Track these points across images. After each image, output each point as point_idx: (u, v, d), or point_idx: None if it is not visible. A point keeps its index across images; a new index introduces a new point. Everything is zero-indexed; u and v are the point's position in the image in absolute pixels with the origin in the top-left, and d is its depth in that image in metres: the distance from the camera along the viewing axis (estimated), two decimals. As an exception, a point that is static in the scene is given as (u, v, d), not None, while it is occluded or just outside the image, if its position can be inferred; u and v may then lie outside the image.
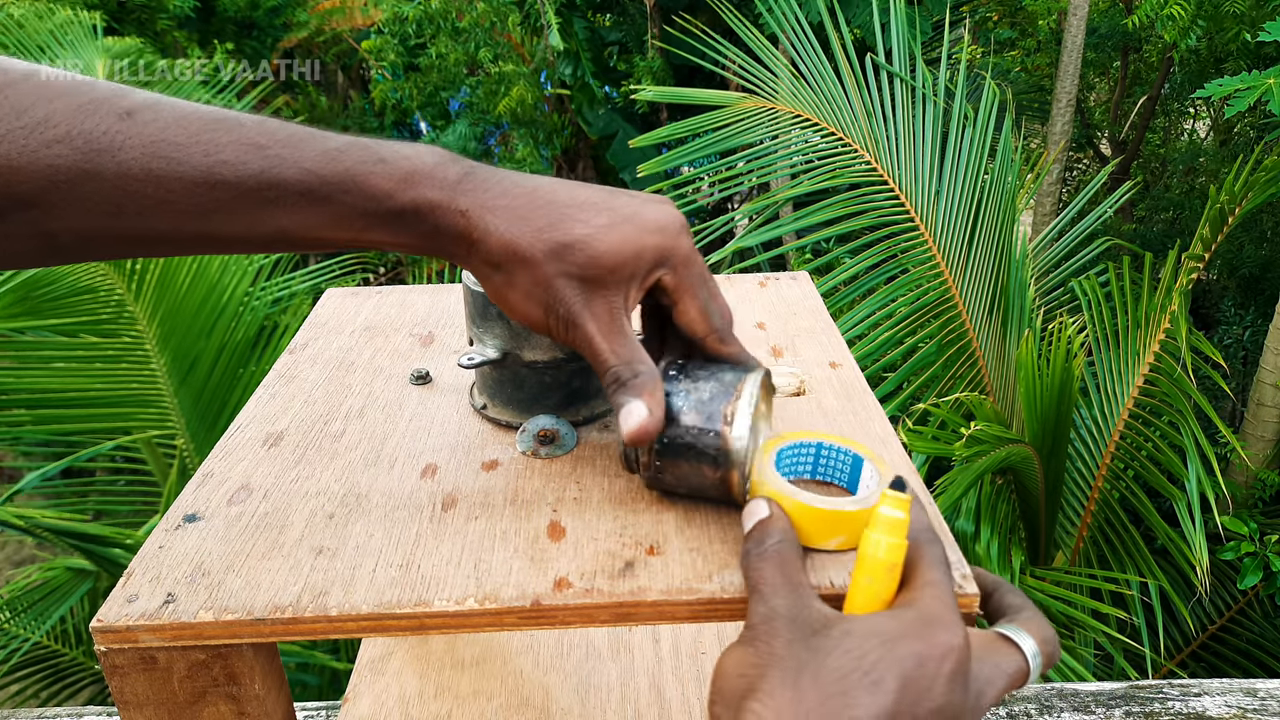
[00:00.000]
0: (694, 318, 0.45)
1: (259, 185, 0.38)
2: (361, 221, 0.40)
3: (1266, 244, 3.49)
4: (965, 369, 2.10)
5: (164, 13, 4.78)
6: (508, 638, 0.80)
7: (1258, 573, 2.04)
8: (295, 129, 0.40)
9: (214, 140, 0.38)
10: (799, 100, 2.22)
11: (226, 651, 0.40)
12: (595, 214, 0.42)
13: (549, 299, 0.42)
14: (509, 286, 0.43)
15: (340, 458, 0.50)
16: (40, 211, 0.36)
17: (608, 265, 0.42)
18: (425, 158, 0.41)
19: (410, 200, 0.40)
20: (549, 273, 0.42)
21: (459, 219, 0.41)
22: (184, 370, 2.22)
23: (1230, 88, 2.01)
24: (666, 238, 0.43)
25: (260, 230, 0.40)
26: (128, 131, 0.37)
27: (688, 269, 0.44)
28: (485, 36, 4.87)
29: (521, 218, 0.41)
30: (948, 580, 0.37)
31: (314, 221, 0.40)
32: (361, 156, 0.40)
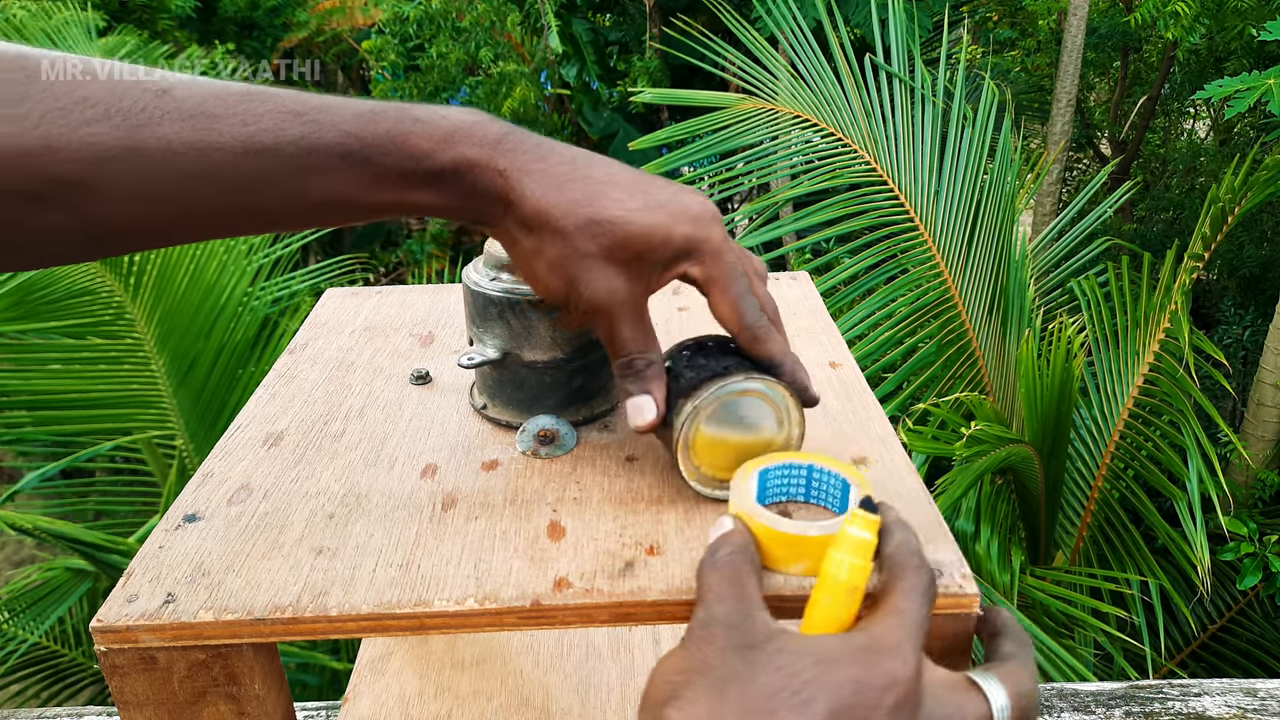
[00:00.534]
0: (725, 313, 0.44)
1: (299, 151, 0.38)
2: (401, 182, 0.40)
3: (1266, 244, 3.49)
4: (965, 369, 2.10)
5: (165, 12, 4.78)
6: (508, 638, 0.80)
7: (1257, 573, 2.04)
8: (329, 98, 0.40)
9: (251, 110, 0.38)
10: (798, 101, 2.22)
11: (226, 651, 0.40)
12: (630, 195, 0.42)
13: (575, 274, 0.42)
14: (537, 255, 0.42)
15: (340, 458, 0.50)
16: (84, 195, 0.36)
17: (636, 249, 0.42)
18: (463, 117, 0.41)
19: (450, 159, 0.40)
20: (579, 247, 0.41)
21: (497, 178, 0.41)
22: (183, 370, 2.22)
23: (1230, 88, 2.01)
24: (698, 228, 0.43)
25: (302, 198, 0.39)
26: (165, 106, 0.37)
27: (717, 261, 0.43)
28: (485, 36, 4.87)
29: (558, 186, 0.41)
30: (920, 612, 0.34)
31: (354, 185, 0.40)
32: (399, 117, 0.40)
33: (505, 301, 0.50)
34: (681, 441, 0.44)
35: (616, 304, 0.43)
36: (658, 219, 0.42)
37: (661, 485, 0.48)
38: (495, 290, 0.50)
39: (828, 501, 0.44)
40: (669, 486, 0.48)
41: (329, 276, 2.81)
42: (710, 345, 0.46)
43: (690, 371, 0.45)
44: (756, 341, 0.44)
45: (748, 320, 0.44)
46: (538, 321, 0.50)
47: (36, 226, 0.36)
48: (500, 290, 0.50)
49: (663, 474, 0.49)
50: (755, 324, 0.44)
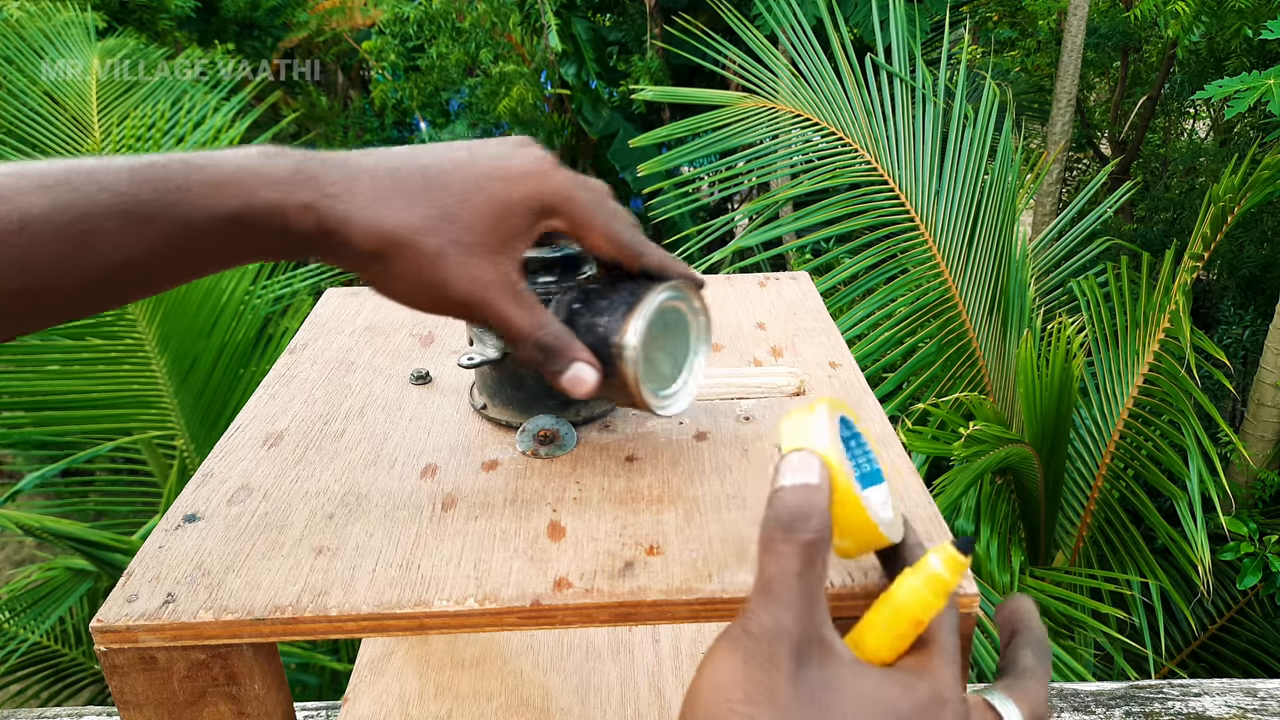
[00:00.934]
0: (602, 246, 0.43)
1: (69, 220, 0.35)
2: (197, 236, 0.37)
3: (1266, 244, 3.49)
4: (965, 369, 2.10)
5: (165, 13, 4.78)
6: (508, 638, 0.80)
7: (1257, 573, 2.04)
8: (102, 160, 0.37)
9: (11, 184, 0.35)
10: (799, 100, 2.22)
11: (226, 651, 0.40)
12: (457, 178, 0.40)
13: (437, 280, 0.40)
14: (390, 277, 0.40)
15: (340, 458, 0.50)
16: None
17: (484, 228, 0.40)
18: (246, 158, 0.38)
19: (240, 204, 0.37)
20: (428, 251, 0.39)
21: (306, 214, 0.38)
22: (184, 371, 2.22)
23: (1230, 89, 2.01)
24: (538, 184, 0.41)
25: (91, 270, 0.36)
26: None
27: (573, 205, 0.41)
28: (486, 37, 4.87)
29: (378, 199, 0.38)
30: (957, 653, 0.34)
31: (144, 247, 0.36)
32: (174, 169, 0.37)
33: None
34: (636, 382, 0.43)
35: (490, 292, 0.40)
36: (495, 190, 0.40)
37: (661, 485, 0.48)
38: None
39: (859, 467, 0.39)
40: (669, 486, 0.48)
41: (329, 276, 2.82)
42: (591, 286, 0.45)
43: (601, 317, 0.44)
44: (640, 258, 0.44)
45: (625, 241, 0.43)
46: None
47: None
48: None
49: (663, 474, 0.49)
50: (630, 241, 0.43)
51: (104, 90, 2.77)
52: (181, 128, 2.71)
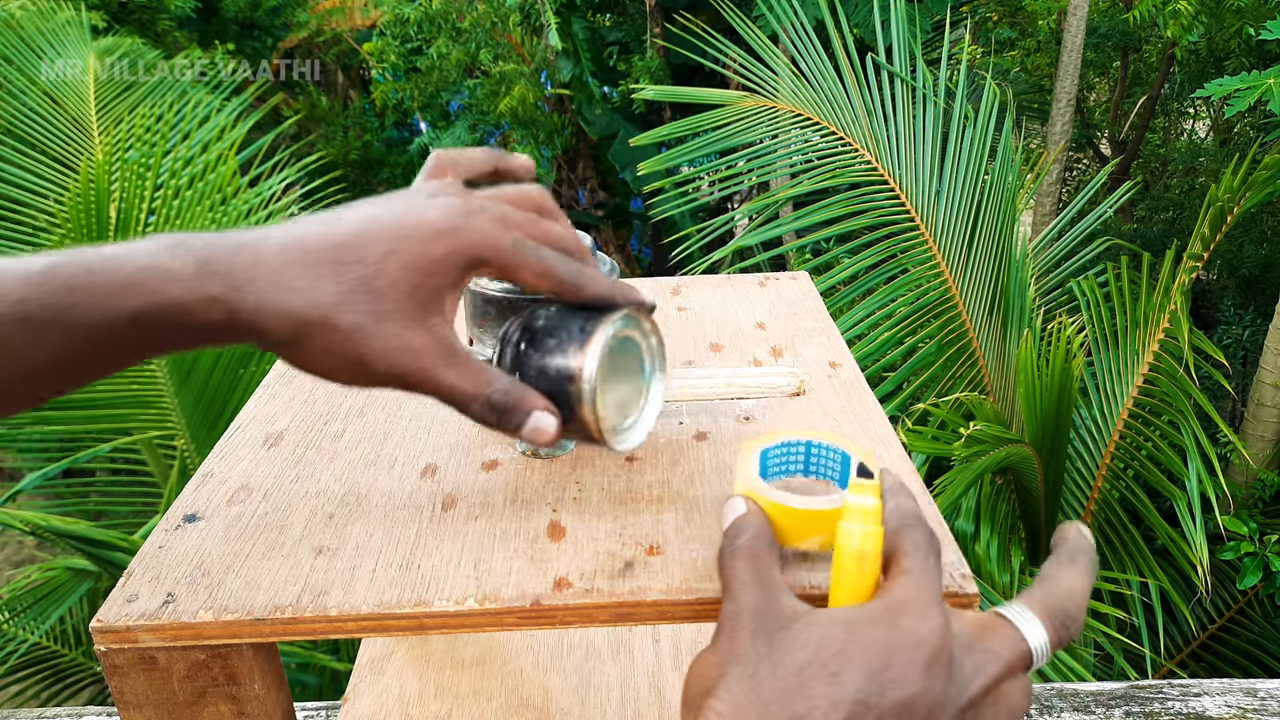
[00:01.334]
0: (537, 285, 0.40)
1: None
2: (102, 338, 0.35)
3: (1266, 244, 3.49)
4: (965, 369, 2.10)
5: (165, 13, 4.78)
6: (508, 638, 0.80)
7: (1257, 573, 2.04)
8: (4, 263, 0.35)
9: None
10: (799, 99, 2.22)
11: (226, 651, 0.40)
12: (368, 246, 0.37)
13: (362, 356, 0.37)
14: (312, 358, 0.37)
15: (340, 458, 0.51)
16: None
17: (403, 295, 0.37)
18: (151, 253, 0.36)
19: (145, 303, 0.35)
20: (343, 327, 0.36)
21: (213, 308, 0.36)
22: (184, 371, 2.22)
23: (1230, 88, 2.01)
24: (455, 240, 0.38)
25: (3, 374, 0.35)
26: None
27: (497, 253, 0.38)
28: (485, 37, 4.87)
29: (286, 281, 0.36)
30: (928, 566, 0.35)
31: (48, 353, 0.35)
32: (78, 268, 0.35)
33: (505, 301, 0.50)
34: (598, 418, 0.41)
35: (421, 359, 0.38)
36: (409, 254, 0.37)
37: (661, 485, 0.48)
38: (495, 290, 0.50)
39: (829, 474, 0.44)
40: (669, 486, 0.48)
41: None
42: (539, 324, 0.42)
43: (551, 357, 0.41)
44: (579, 291, 0.41)
45: (560, 276, 0.40)
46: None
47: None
48: (500, 290, 0.50)
49: (663, 474, 0.49)
50: (568, 277, 0.40)
51: (103, 90, 2.77)
52: (187, 123, 2.71)
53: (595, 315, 0.41)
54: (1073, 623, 0.35)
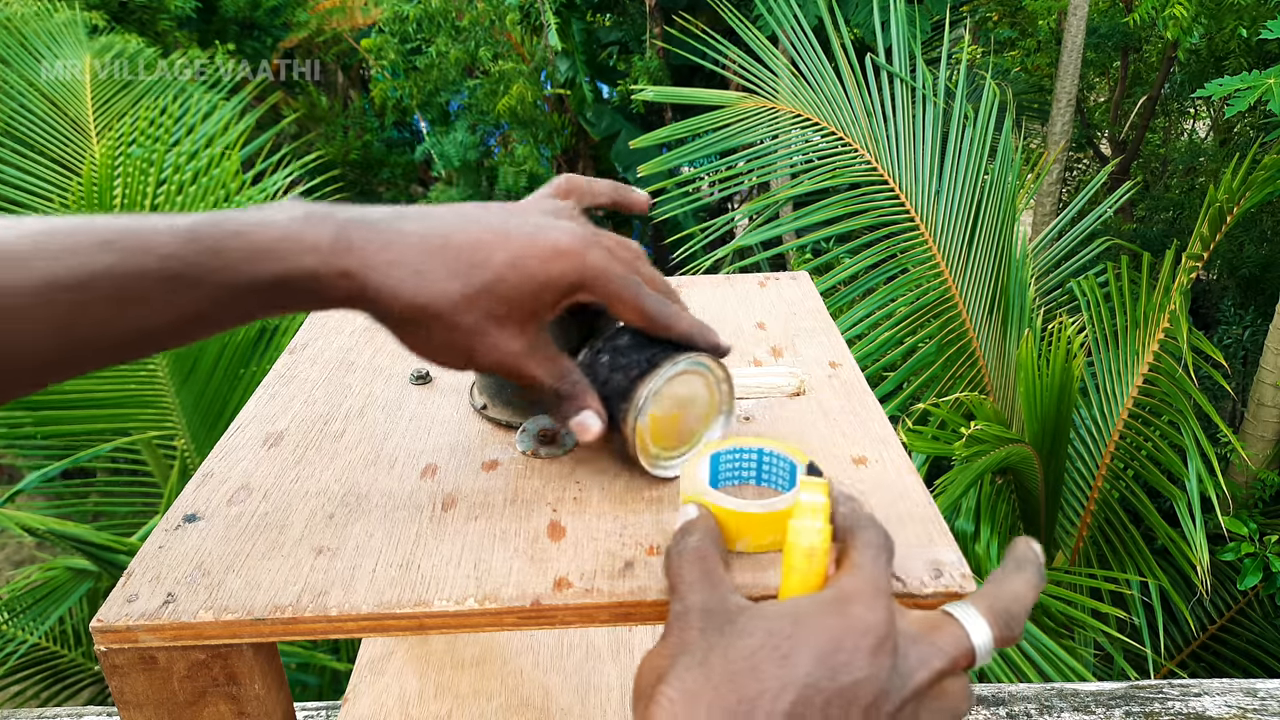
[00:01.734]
0: (631, 318, 0.44)
1: (114, 283, 0.36)
2: (238, 299, 0.38)
3: (1266, 244, 3.49)
4: (965, 369, 2.10)
5: (165, 13, 4.78)
6: (508, 638, 0.80)
7: (1258, 573, 2.04)
8: (146, 220, 0.38)
9: (60, 245, 0.36)
10: (799, 100, 2.22)
11: (226, 651, 0.40)
12: (493, 252, 0.41)
13: (470, 349, 0.41)
14: (423, 342, 0.42)
15: (340, 458, 0.50)
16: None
17: (517, 304, 0.41)
18: (289, 221, 0.39)
19: (283, 270, 0.38)
20: (463, 325, 0.41)
21: (343, 282, 0.39)
22: (185, 371, 2.22)
23: (1230, 87, 2.01)
24: (572, 262, 0.42)
25: (131, 331, 0.37)
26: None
27: (605, 282, 0.42)
28: (485, 35, 4.87)
29: (417, 271, 0.40)
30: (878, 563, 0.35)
31: (188, 309, 0.38)
32: (218, 234, 0.38)
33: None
34: (635, 439, 0.46)
35: (519, 359, 0.42)
36: (529, 269, 0.41)
37: (661, 485, 0.48)
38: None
39: (777, 483, 0.46)
40: (669, 486, 0.48)
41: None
42: (623, 341, 0.47)
43: (618, 374, 0.46)
44: (667, 329, 0.45)
45: (652, 314, 0.44)
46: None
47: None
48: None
49: (663, 474, 0.49)
50: (659, 315, 0.44)
51: (100, 89, 2.77)
52: (191, 116, 2.71)
53: (669, 351, 0.45)
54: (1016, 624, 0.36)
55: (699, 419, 0.48)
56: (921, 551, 0.42)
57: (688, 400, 0.47)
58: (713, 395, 0.48)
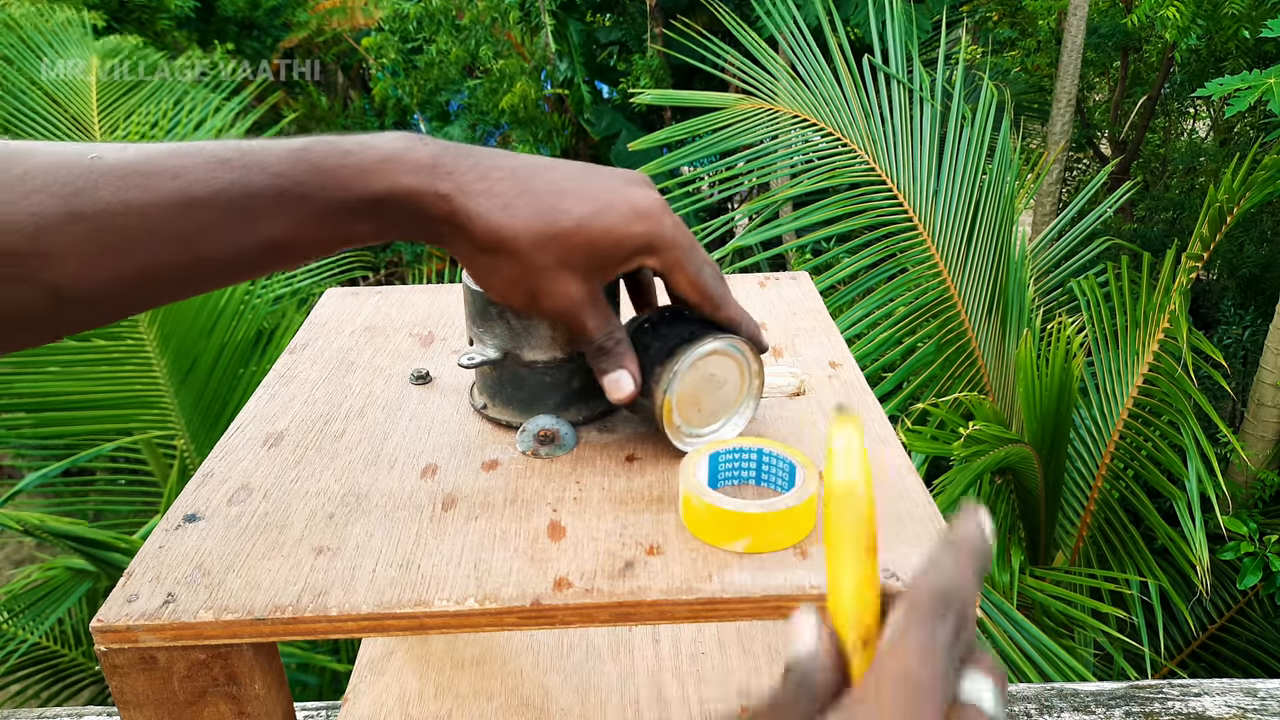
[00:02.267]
0: (687, 291, 0.46)
1: (233, 198, 0.39)
2: (340, 216, 0.41)
3: (1266, 244, 3.49)
4: (964, 368, 2.10)
5: (164, 12, 4.78)
6: (508, 638, 0.80)
7: (1257, 573, 2.04)
8: (260, 141, 0.40)
9: (181, 165, 0.39)
10: (797, 101, 2.22)
11: (226, 651, 0.40)
12: (578, 202, 0.43)
13: (534, 288, 0.44)
14: (493, 272, 0.44)
15: (340, 458, 0.50)
16: (36, 262, 0.37)
17: (591, 254, 0.43)
18: (393, 143, 0.41)
19: (384, 188, 0.40)
20: (537, 263, 0.43)
21: (440, 203, 0.41)
22: (184, 371, 2.22)
23: (1230, 87, 2.01)
24: (649, 224, 0.44)
25: (245, 242, 0.40)
26: (100, 170, 0.38)
27: (673, 250, 0.45)
28: (485, 34, 4.87)
29: (505, 205, 0.42)
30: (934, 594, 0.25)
31: (293, 225, 0.40)
32: (327, 152, 0.40)
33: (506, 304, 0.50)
34: (664, 405, 0.47)
35: (578, 305, 0.45)
36: (609, 222, 0.43)
37: (662, 485, 0.48)
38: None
39: (776, 484, 0.46)
40: (669, 486, 0.48)
41: (329, 276, 2.82)
42: (668, 315, 0.50)
43: (658, 342, 0.48)
44: (718, 308, 0.47)
45: (709, 292, 0.46)
46: (538, 321, 0.50)
47: (3, 302, 0.37)
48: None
49: (663, 474, 0.49)
50: (714, 291, 0.47)
51: (104, 91, 2.77)
52: (183, 128, 2.71)
53: (712, 331, 0.47)
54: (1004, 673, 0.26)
55: (726, 403, 0.50)
56: (921, 551, 0.42)
57: (719, 381, 0.49)
58: (744, 383, 0.50)
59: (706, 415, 0.50)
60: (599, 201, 0.43)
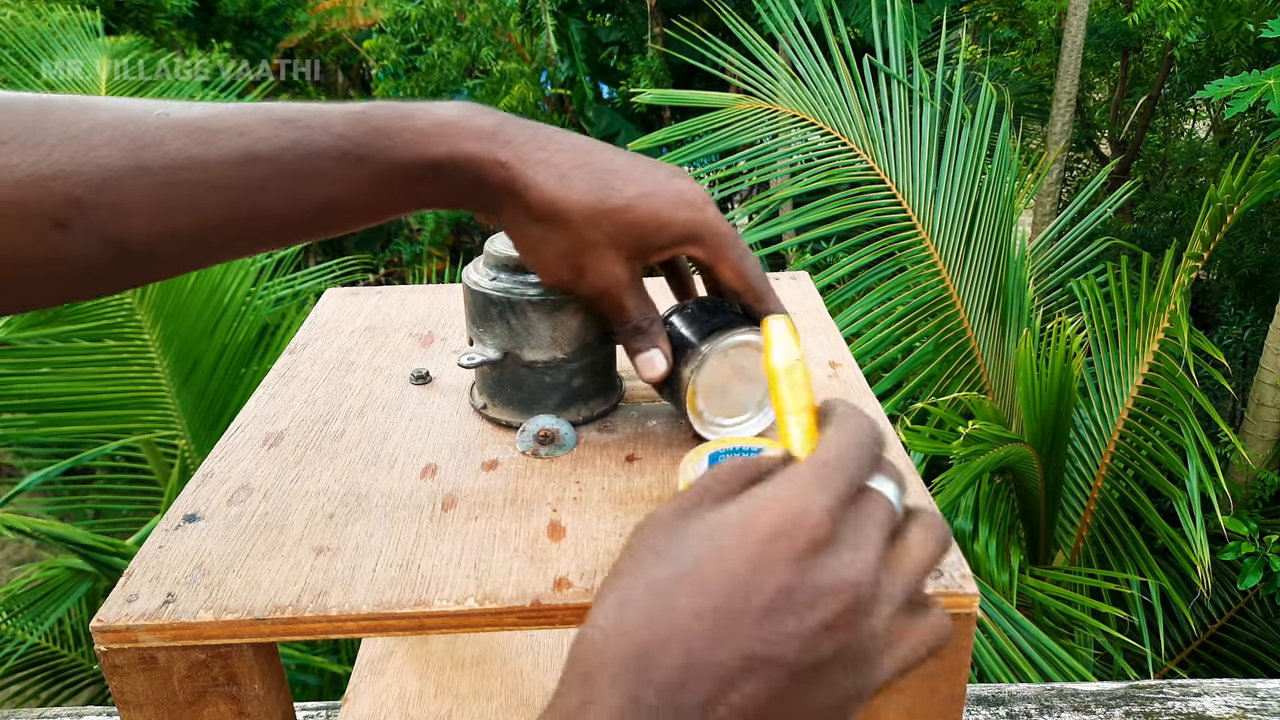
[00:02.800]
0: (731, 279, 0.47)
1: (295, 157, 0.40)
2: (399, 179, 0.41)
3: (1266, 244, 3.48)
4: (963, 367, 2.10)
5: (162, 12, 4.77)
6: (508, 638, 0.80)
7: (1258, 573, 2.04)
8: (323, 104, 0.42)
9: (245, 122, 0.40)
10: (797, 101, 2.22)
11: (226, 651, 0.40)
12: (629, 183, 0.44)
13: (582, 263, 0.45)
14: (544, 243, 0.45)
15: (340, 458, 0.50)
16: (103, 215, 0.38)
17: (639, 235, 0.44)
18: (455, 110, 0.42)
19: (445, 153, 0.41)
20: (586, 237, 0.44)
21: (500, 170, 0.42)
22: (186, 371, 2.22)
23: (1230, 88, 2.01)
24: (694, 213, 0.45)
25: (304, 201, 0.41)
26: (166, 125, 0.39)
27: (717, 239, 0.46)
28: (487, 36, 4.87)
29: (562, 176, 0.43)
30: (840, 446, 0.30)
31: (353, 186, 0.41)
32: (389, 115, 0.41)
33: (505, 301, 0.50)
34: (690, 389, 0.48)
35: (621, 285, 0.46)
36: (658, 206, 0.44)
37: (661, 485, 0.48)
38: (495, 290, 0.50)
39: None
40: (669, 486, 0.48)
41: (330, 277, 2.82)
42: (707, 305, 0.50)
43: (690, 329, 0.49)
44: (761, 299, 0.48)
45: (753, 281, 0.47)
46: (538, 321, 0.50)
47: (67, 252, 0.38)
48: (500, 290, 0.50)
49: (663, 474, 0.49)
50: (757, 280, 0.48)
51: (112, 91, 2.77)
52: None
53: (745, 324, 0.48)
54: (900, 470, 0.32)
55: (754, 398, 0.50)
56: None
57: (750, 374, 0.49)
58: None
59: (733, 407, 0.50)
60: (648, 186, 0.44)
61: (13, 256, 0.38)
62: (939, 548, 0.31)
